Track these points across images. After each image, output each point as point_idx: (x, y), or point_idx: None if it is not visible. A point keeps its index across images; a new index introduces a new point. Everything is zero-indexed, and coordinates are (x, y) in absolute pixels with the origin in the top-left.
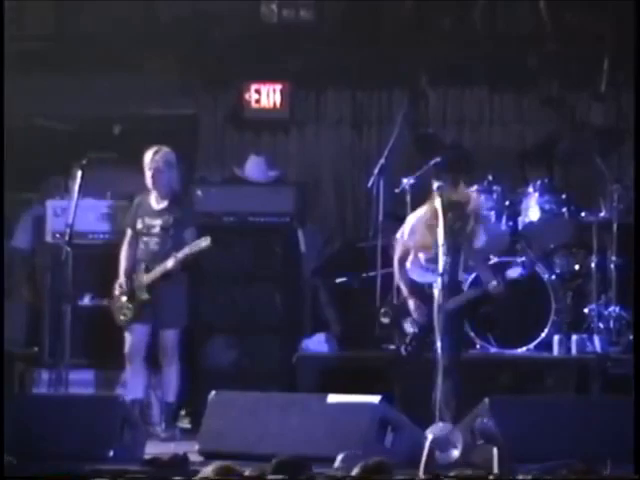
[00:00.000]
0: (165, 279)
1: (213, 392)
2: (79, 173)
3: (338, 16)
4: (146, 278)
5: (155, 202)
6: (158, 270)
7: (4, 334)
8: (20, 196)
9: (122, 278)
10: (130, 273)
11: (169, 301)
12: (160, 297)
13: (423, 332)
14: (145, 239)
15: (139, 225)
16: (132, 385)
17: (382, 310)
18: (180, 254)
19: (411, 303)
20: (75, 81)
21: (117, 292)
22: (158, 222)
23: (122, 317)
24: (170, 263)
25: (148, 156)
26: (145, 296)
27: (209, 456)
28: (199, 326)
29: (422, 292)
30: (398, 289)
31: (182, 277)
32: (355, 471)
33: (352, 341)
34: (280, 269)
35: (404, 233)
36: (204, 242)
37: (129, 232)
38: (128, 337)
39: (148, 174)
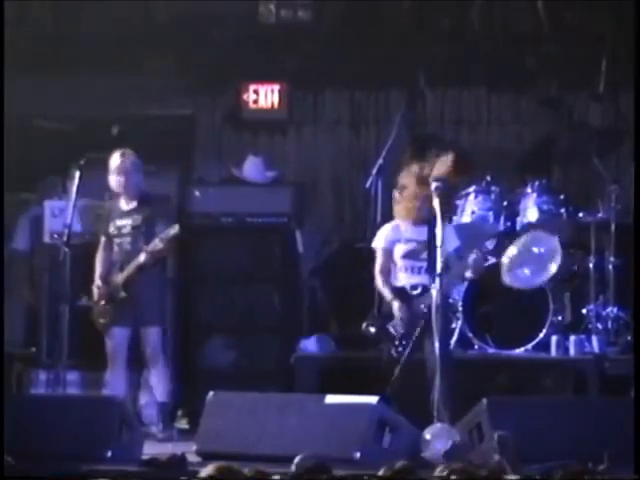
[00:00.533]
0: (141, 275)
1: (211, 392)
2: (77, 174)
3: (336, 16)
4: (121, 277)
5: (125, 204)
6: (131, 266)
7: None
8: (18, 196)
9: (98, 281)
10: (106, 276)
11: (147, 299)
12: (138, 295)
13: (411, 331)
14: (118, 240)
15: (111, 228)
16: (113, 388)
17: (365, 324)
18: (150, 246)
19: (395, 305)
20: (73, 81)
21: (95, 296)
22: (128, 222)
23: (102, 320)
24: (142, 257)
25: (115, 160)
26: (122, 294)
27: (207, 456)
28: (197, 326)
29: (403, 295)
30: (380, 297)
31: (160, 274)
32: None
33: (350, 341)
34: (278, 270)
35: (381, 242)
36: (172, 230)
37: (102, 239)
38: (108, 341)
39: (116, 178)
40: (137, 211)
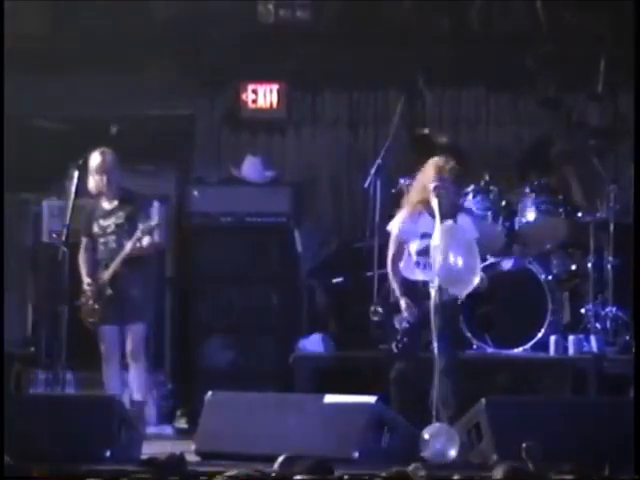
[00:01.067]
0: (126, 270)
1: (210, 392)
2: (76, 173)
3: (335, 16)
4: (107, 274)
5: (107, 203)
6: (116, 261)
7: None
8: (18, 196)
9: (85, 281)
10: (92, 275)
11: (130, 295)
12: (122, 292)
13: (414, 328)
14: (102, 240)
15: (95, 228)
16: (108, 388)
17: (372, 308)
18: (133, 239)
19: (402, 302)
20: (71, 82)
21: (83, 298)
22: (112, 221)
23: (91, 320)
24: (125, 250)
25: (95, 159)
26: (109, 291)
27: (206, 456)
28: (196, 326)
29: (415, 290)
30: (390, 287)
31: (145, 270)
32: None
33: (349, 341)
34: (277, 269)
35: (394, 227)
36: (153, 221)
37: (83, 240)
38: (100, 340)
39: (97, 177)
40: (119, 209)
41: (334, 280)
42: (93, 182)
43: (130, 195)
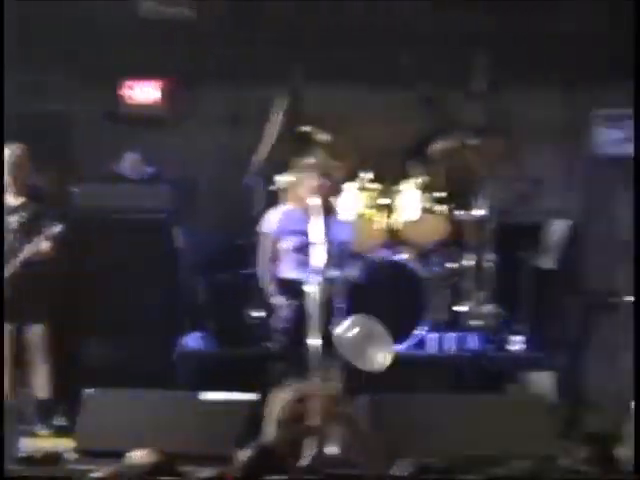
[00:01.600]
0: (25, 271)
1: (88, 390)
2: None
3: (219, 14)
4: (5, 273)
5: (13, 199)
6: (15, 262)
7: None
8: None
9: None
10: None
11: (30, 296)
12: (20, 292)
13: (291, 327)
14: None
15: None
16: None
17: (251, 307)
18: (34, 243)
19: (278, 302)
20: None
21: None
22: (15, 218)
23: None
24: (25, 253)
25: (5, 153)
26: (6, 291)
27: (85, 454)
28: (76, 323)
29: (292, 289)
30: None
31: (42, 270)
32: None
33: (231, 338)
34: (157, 266)
35: (269, 227)
36: (56, 228)
37: None
38: None
39: (5, 172)
40: (24, 207)
41: (215, 277)
42: (5, 176)
43: (38, 193)
